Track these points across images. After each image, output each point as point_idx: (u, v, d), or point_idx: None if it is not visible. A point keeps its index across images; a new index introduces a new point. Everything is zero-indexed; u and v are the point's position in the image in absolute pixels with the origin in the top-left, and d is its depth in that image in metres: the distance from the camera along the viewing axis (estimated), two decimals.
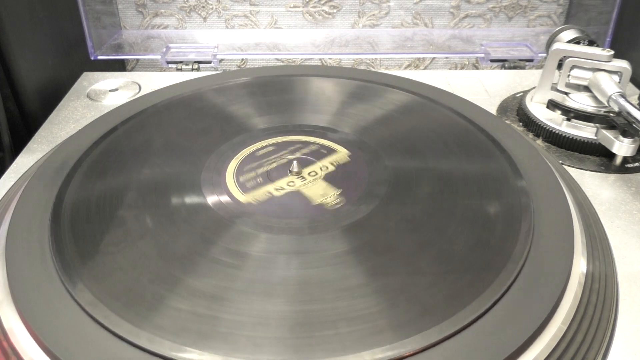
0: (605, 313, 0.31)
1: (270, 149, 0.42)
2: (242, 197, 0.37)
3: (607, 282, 0.33)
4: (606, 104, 0.45)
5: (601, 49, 0.47)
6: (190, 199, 0.37)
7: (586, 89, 0.48)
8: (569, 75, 0.48)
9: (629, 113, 0.42)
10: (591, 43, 0.50)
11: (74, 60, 0.65)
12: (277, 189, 0.38)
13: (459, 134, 0.43)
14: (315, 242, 0.33)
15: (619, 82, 0.46)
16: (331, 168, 0.40)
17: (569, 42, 0.50)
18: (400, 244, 0.33)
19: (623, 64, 0.46)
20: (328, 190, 0.37)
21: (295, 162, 0.39)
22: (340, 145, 0.42)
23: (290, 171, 0.39)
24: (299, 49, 0.72)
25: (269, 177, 0.39)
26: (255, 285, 0.30)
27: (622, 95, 0.44)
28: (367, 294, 0.29)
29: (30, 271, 0.31)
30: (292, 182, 0.39)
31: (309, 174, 0.39)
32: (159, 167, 0.40)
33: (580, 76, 0.48)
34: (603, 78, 0.46)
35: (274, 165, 0.40)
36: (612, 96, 0.44)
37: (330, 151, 0.42)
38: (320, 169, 0.40)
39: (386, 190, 0.37)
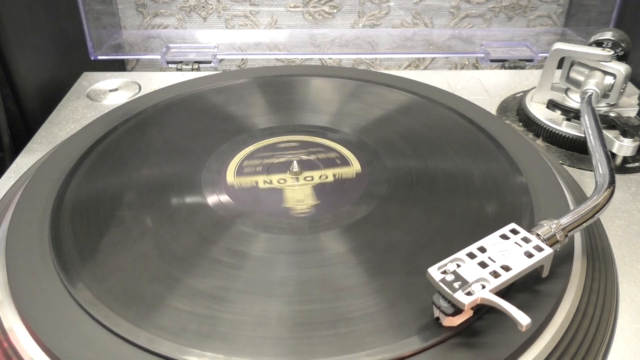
0: (605, 313, 0.31)
1: (293, 144, 0.43)
2: (231, 179, 0.38)
3: (607, 282, 0.33)
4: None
5: (601, 49, 0.47)
6: (190, 199, 0.37)
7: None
8: (569, 71, 0.49)
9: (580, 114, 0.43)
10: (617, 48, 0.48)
11: (74, 60, 0.65)
12: (265, 182, 0.38)
13: (459, 134, 0.43)
14: (315, 242, 0.33)
15: (612, 84, 0.46)
16: (329, 179, 0.39)
17: (598, 42, 0.49)
18: (400, 244, 0.33)
19: (619, 67, 0.45)
20: (307, 199, 0.37)
21: (295, 162, 0.39)
22: (359, 160, 0.41)
23: (290, 170, 0.39)
24: (299, 49, 0.72)
25: (268, 169, 0.39)
26: (255, 285, 0.30)
27: (590, 97, 0.44)
28: (367, 294, 0.29)
29: (30, 271, 0.31)
30: (284, 180, 0.39)
31: (304, 178, 0.39)
32: (159, 167, 0.40)
33: (579, 70, 0.48)
34: (592, 76, 0.46)
35: (282, 160, 0.41)
36: (582, 94, 0.45)
37: (345, 163, 0.40)
38: (320, 177, 0.39)
39: (386, 190, 0.37)
